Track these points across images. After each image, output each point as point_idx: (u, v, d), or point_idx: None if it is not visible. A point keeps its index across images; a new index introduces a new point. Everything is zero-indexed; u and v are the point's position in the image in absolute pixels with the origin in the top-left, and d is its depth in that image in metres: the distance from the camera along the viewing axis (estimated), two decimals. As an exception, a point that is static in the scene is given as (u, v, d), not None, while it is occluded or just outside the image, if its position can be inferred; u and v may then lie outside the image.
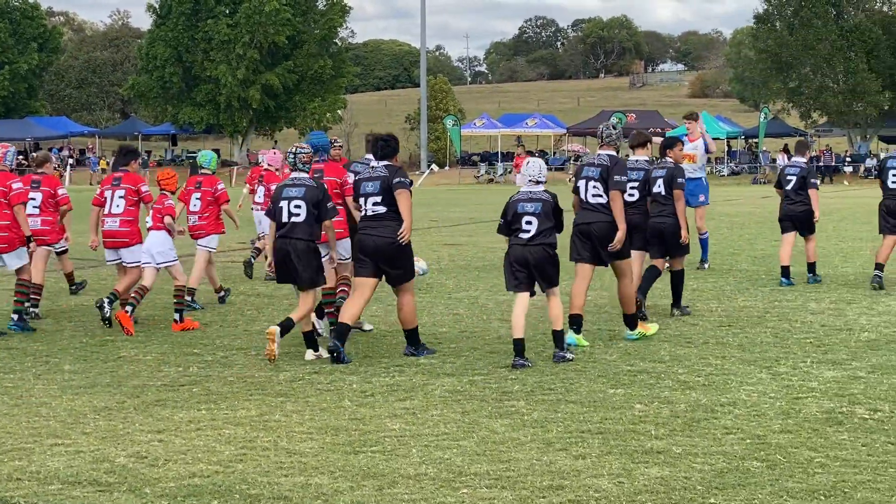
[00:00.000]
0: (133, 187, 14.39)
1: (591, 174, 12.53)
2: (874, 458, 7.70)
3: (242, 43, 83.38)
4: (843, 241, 25.00)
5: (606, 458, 7.77)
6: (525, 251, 11.42)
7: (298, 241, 11.73)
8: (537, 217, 11.39)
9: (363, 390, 10.14)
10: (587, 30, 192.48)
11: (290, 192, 11.86)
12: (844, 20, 77.99)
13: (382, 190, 11.61)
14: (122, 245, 14.30)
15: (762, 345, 12.16)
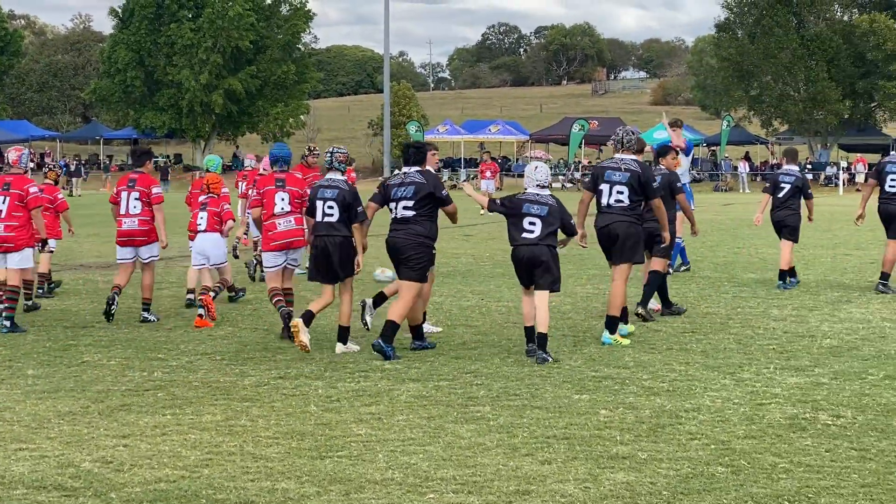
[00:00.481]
0: (146, 189, 14.89)
1: (617, 178, 12.90)
2: (837, 463, 7.76)
3: (205, 48, 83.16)
4: (804, 249, 25.14)
5: (572, 464, 7.80)
6: (531, 251, 11.89)
7: (335, 238, 12.39)
8: (542, 220, 11.85)
9: (329, 395, 10.12)
10: (550, 37, 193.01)
11: (324, 193, 12.52)
12: (805, 29, 78.58)
13: (415, 194, 12.14)
14: (141, 244, 14.91)
15: (725, 351, 12.23)
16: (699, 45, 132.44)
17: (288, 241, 13.73)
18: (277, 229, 13.70)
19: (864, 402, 9.62)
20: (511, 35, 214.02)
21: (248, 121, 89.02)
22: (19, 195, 14.23)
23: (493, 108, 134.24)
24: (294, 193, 13.71)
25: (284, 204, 13.69)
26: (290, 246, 13.79)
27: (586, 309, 15.55)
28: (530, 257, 11.92)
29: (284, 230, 13.68)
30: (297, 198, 13.69)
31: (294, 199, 13.70)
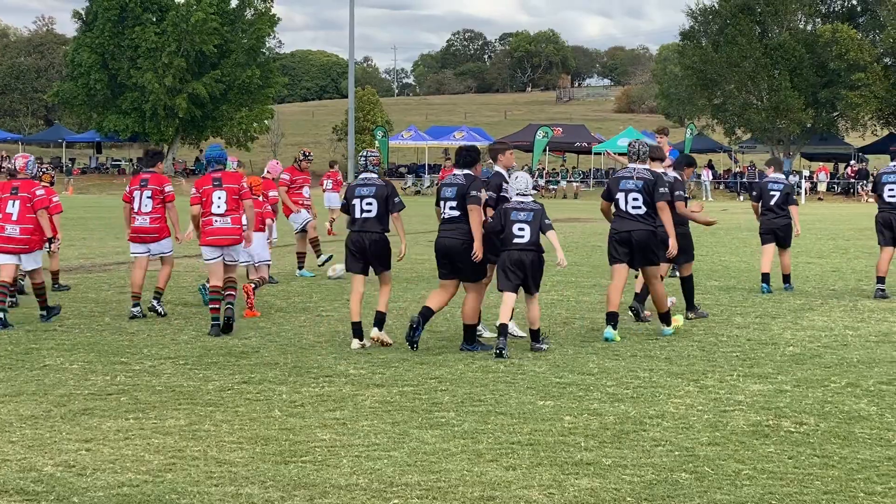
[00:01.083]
0: (158, 188, 15.56)
1: (631, 186, 13.64)
2: (800, 470, 7.79)
3: (169, 51, 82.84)
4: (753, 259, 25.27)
5: (537, 470, 7.80)
6: (522, 255, 12.54)
7: (372, 234, 13.12)
8: (529, 224, 12.53)
9: (293, 400, 10.09)
10: (515, 44, 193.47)
11: (361, 192, 13.25)
12: (769, 38, 79.12)
13: (458, 196, 12.75)
14: (152, 240, 15.61)
15: (689, 358, 12.27)
16: (663, 54, 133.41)
17: (219, 238, 14.38)
18: (213, 226, 14.40)
19: (827, 410, 9.67)
20: (476, 41, 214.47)
21: (212, 125, 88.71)
22: (28, 198, 14.96)
23: (457, 115, 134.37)
24: (231, 191, 14.43)
25: (221, 202, 14.38)
26: (222, 243, 14.41)
27: (550, 315, 15.56)
28: (519, 261, 12.53)
29: (219, 227, 14.38)
30: (234, 195, 14.44)
31: (231, 197, 14.41)
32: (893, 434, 8.79)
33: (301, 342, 13.36)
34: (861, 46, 72.95)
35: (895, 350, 12.72)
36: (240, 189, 14.53)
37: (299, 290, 18.54)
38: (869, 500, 7.14)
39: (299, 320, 15.15)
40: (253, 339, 13.53)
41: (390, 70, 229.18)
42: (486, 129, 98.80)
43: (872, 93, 72.63)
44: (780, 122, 77.94)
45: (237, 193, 14.47)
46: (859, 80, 72.34)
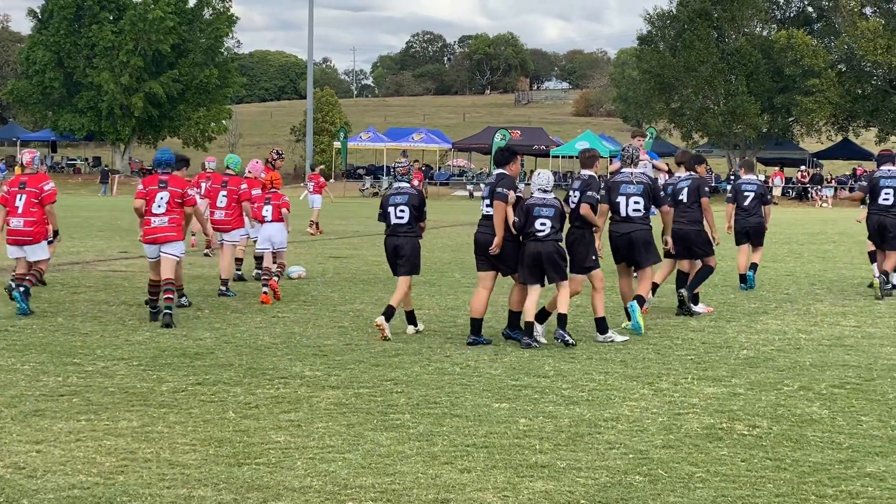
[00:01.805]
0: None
1: (632, 190, 14.52)
2: (753, 473, 7.83)
3: (126, 50, 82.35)
4: (723, 261, 25.41)
5: (491, 472, 7.80)
6: (540, 246, 13.20)
7: (403, 237, 14.19)
8: (550, 220, 13.23)
9: (247, 402, 10.04)
10: (474, 46, 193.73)
11: (395, 200, 14.32)
12: (725, 43, 79.63)
13: (490, 194, 13.49)
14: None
15: (644, 361, 12.31)
16: (621, 58, 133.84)
17: (155, 237, 15.25)
18: (151, 225, 15.30)
19: (780, 413, 9.73)
20: (435, 44, 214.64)
21: (169, 125, 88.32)
22: (35, 193, 15.78)
23: (416, 116, 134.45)
24: (174, 194, 15.27)
25: (162, 203, 15.20)
26: (158, 241, 15.24)
27: (506, 318, 15.55)
28: (536, 253, 13.23)
29: (157, 227, 15.24)
30: (176, 198, 15.29)
31: (173, 199, 15.26)
32: (845, 437, 8.86)
33: (257, 343, 13.30)
34: (816, 52, 73.53)
35: (847, 354, 12.81)
36: (183, 194, 15.36)
37: (256, 291, 18.45)
38: (820, 503, 7.19)
39: (255, 321, 15.09)
40: (208, 340, 13.46)
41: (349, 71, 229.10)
42: (444, 130, 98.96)
43: (827, 98, 73.24)
44: (737, 127, 78.47)
45: (180, 197, 15.29)
46: (814, 86, 72.93)
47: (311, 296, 17.98)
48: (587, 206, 13.73)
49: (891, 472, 7.85)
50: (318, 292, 18.42)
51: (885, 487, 7.50)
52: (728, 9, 78.43)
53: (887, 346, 13.33)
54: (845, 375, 11.48)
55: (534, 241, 13.25)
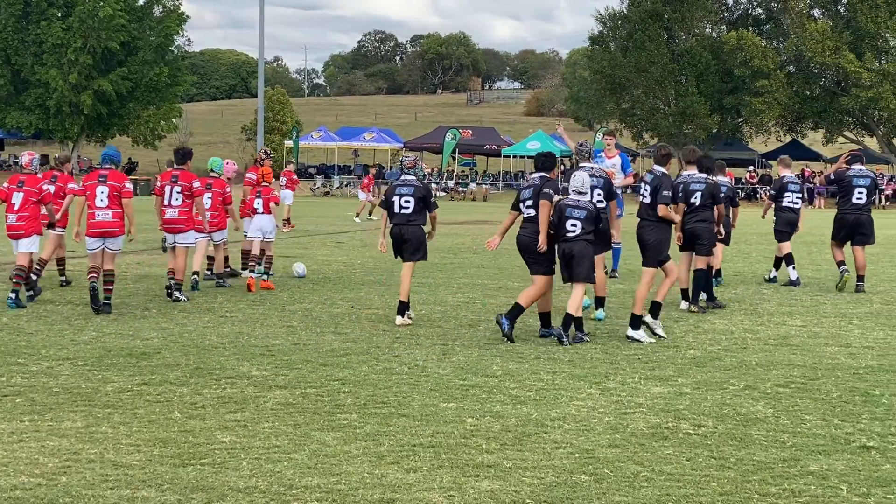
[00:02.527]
0: (188, 184, 17.52)
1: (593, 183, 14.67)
2: (697, 472, 7.88)
3: (75, 47, 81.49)
4: (672, 260, 25.56)
5: (437, 472, 7.80)
6: (572, 246, 13.63)
7: (408, 227, 15.12)
8: (581, 221, 13.63)
9: (193, 402, 9.99)
10: (426, 46, 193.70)
11: (401, 191, 15.20)
12: (676, 44, 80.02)
13: (534, 196, 13.99)
14: (179, 231, 17.59)
15: (592, 360, 12.35)
16: (573, 58, 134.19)
17: (102, 231, 15.96)
18: (95, 219, 16.03)
19: (725, 412, 9.79)
20: (387, 43, 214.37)
21: (118, 123, 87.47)
22: (32, 192, 16.71)
23: (367, 116, 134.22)
24: (113, 188, 16.07)
25: (104, 196, 16.04)
26: (104, 234, 15.97)
27: (456, 318, 15.59)
28: (569, 252, 13.65)
29: (101, 220, 15.99)
30: (115, 192, 16.08)
31: (112, 194, 16.06)
32: (788, 436, 8.93)
33: (204, 343, 13.23)
34: (765, 54, 74.03)
35: (793, 353, 12.92)
36: (121, 187, 16.18)
37: (204, 290, 18.36)
38: (763, 502, 7.24)
39: (203, 321, 15.01)
40: (155, 340, 13.38)
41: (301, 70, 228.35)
42: (396, 130, 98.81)
43: (776, 99, 73.74)
44: (687, 128, 78.85)
45: (118, 191, 16.10)
46: (763, 87, 73.41)
47: (260, 295, 17.91)
48: (664, 207, 14.06)
49: (833, 471, 7.92)
50: (267, 292, 18.34)
51: (827, 486, 7.57)
52: (678, 10, 78.82)
53: (832, 346, 13.44)
54: (790, 375, 11.57)
55: (564, 241, 13.72)
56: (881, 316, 16.17)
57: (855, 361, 12.38)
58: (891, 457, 8.34)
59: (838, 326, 15.10)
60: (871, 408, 10.04)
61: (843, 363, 12.27)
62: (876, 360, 12.51)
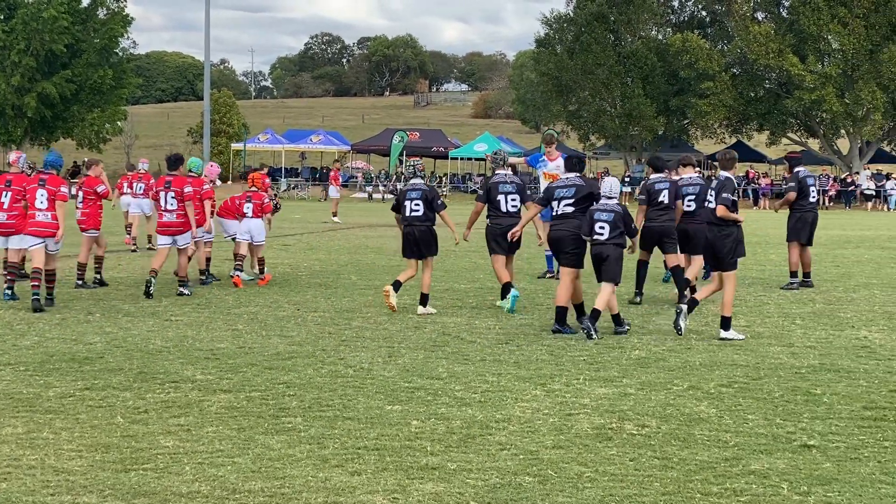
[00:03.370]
0: (179, 189, 18.50)
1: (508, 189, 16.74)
2: (640, 472, 7.91)
3: (18, 50, 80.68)
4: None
5: (382, 475, 7.79)
6: (601, 248, 14.45)
7: (420, 227, 16.50)
8: (609, 224, 14.43)
9: (136, 406, 9.92)
10: (373, 48, 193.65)
11: (410, 195, 16.61)
12: (622, 46, 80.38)
13: (576, 195, 14.96)
14: (178, 233, 18.59)
15: (538, 362, 12.38)
16: (520, 60, 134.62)
17: (41, 230, 16.80)
18: (35, 219, 16.89)
19: (669, 412, 9.84)
20: (334, 45, 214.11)
21: (62, 126, 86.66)
22: (19, 190, 17.30)
23: (315, 118, 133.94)
24: (50, 192, 16.90)
25: (43, 199, 16.89)
26: (43, 234, 16.81)
27: (402, 320, 15.58)
28: (598, 254, 14.47)
29: (40, 221, 16.85)
30: (52, 195, 16.89)
31: (50, 197, 16.90)
32: (731, 435, 8.99)
33: (148, 347, 13.14)
34: (710, 56, 74.52)
35: (736, 353, 13.00)
36: (56, 191, 16.94)
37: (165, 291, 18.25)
38: (705, 501, 7.28)
39: (147, 325, 14.91)
40: (98, 344, 13.28)
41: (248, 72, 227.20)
42: (343, 132, 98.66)
43: (721, 101, 74.26)
44: (633, 129, 79.28)
45: (54, 195, 16.89)
46: (708, 89, 73.93)
47: (205, 298, 17.82)
48: (723, 207, 14.30)
49: (774, 470, 7.98)
50: (212, 295, 18.26)
51: (768, 485, 7.63)
52: (624, 12, 79.20)
53: (775, 346, 13.55)
54: (733, 374, 11.65)
55: (595, 243, 14.53)
56: (823, 316, 16.31)
57: (797, 361, 12.49)
58: (831, 455, 8.42)
59: (781, 326, 15.22)
60: (813, 407, 10.14)
61: (785, 363, 12.37)
62: (818, 359, 12.62)
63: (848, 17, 70.18)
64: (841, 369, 11.98)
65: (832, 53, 73.13)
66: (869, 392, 10.80)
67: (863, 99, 69.43)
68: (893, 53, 67.87)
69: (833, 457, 8.39)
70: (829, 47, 73.15)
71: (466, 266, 23.33)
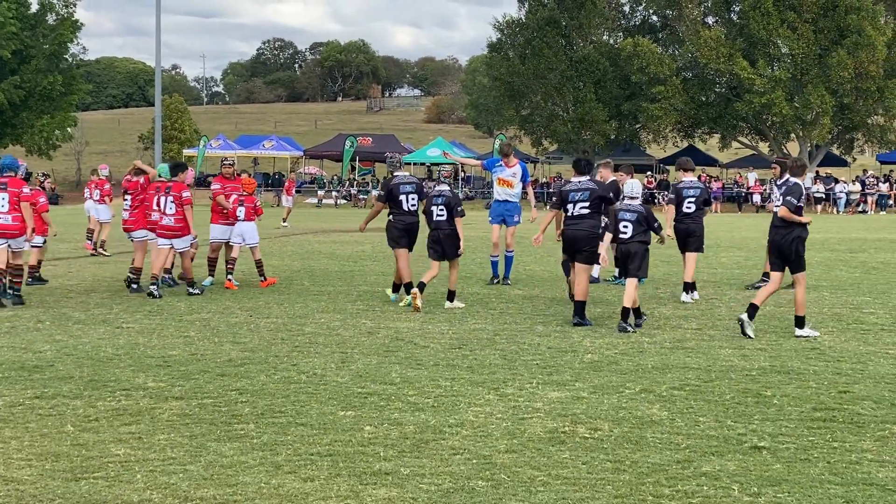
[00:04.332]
0: (178, 194, 19.40)
1: (408, 189, 18.29)
2: (593, 475, 7.94)
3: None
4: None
5: (335, 481, 7.77)
6: (626, 247, 15.58)
7: (444, 230, 17.83)
8: (632, 223, 15.55)
9: (87, 415, 9.85)
10: (325, 53, 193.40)
11: (436, 200, 17.92)
12: (574, 51, 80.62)
13: (590, 197, 16.13)
14: (177, 236, 19.51)
15: (491, 366, 12.39)
16: (472, 65, 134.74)
17: (3, 232, 17.72)
18: None
19: (621, 416, 9.88)
20: (286, 50, 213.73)
21: (11, 132, 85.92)
22: (15, 193, 17.94)
23: (267, 124, 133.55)
24: (13, 193, 17.77)
25: (4, 202, 17.77)
26: (5, 236, 17.74)
27: (355, 325, 15.56)
28: (625, 252, 15.56)
29: (2, 223, 17.71)
30: (14, 196, 17.78)
31: (12, 199, 17.78)
32: (683, 438, 9.04)
33: (99, 355, 13.04)
34: (661, 60, 74.93)
35: (688, 356, 13.08)
36: (19, 193, 17.84)
37: (99, 301, 18.15)
38: (657, 503, 7.32)
39: (98, 332, 14.81)
40: (48, 352, 13.17)
41: (199, 78, 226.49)
42: (296, 138, 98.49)
43: (672, 105, 74.69)
44: (586, 134, 79.55)
45: (17, 196, 17.79)
46: (660, 93, 74.32)
47: (156, 305, 17.72)
48: (785, 209, 14.89)
49: (725, 472, 8.04)
50: (164, 301, 18.17)
51: (719, 486, 7.68)
52: (576, 17, 79.47)
53: (726, 348, 13.64)
54: (685, 377, 11.72)
55: (621, 242, 15.62)
56: (773, 318, 16.43)
57: (748, 363, 12.58)
58: (781, 456, 8.49)
59: (732, 329, 15.30)
60: (763, 409, 10.21)
61: (736, 365, 12.46)
62: (768, 361, 12.71)
63: (797, 21, 70.84)
64: (791, 371, 12.08)
65: (782, 58, 73.73)
66: (818, 393, 10.90)
67: (812, 103, 70.04)
68: (842, 58, 68.50)
69: (783, 458, 8.45)
70: (778, 52, 73.75)
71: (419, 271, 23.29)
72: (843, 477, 7.94)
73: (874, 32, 68.98)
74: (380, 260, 26.36)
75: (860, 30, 69.05)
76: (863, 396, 10.76)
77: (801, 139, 75.60)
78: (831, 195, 68.47)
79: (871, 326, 15.61)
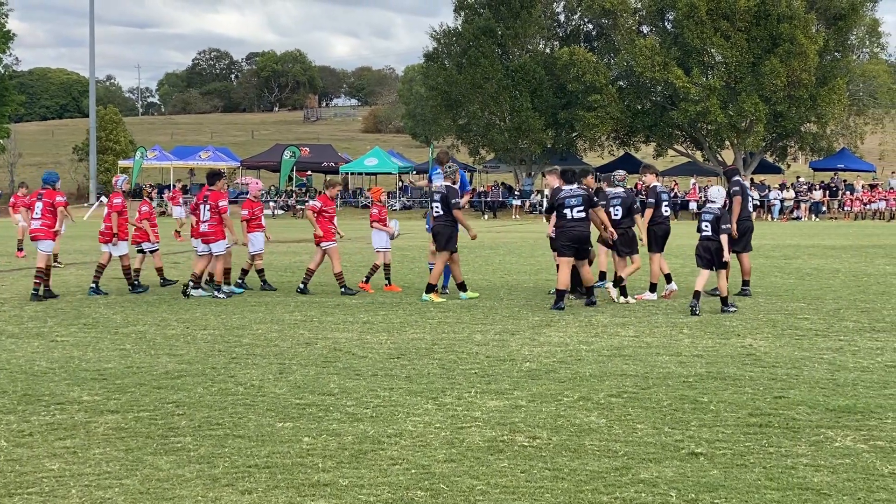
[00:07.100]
0: (214, 203, 20.95)
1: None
2: (532, 483, 7.94)
3: None
4: (508, 275, 25.84)
5: (273, 493, 7.72)
6: (708, 243, 18.28)
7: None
8: (711, 223, 18.29)
9: (21, 430, 9.72)
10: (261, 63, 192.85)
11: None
12: (510, 60, 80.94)
13: (585, 202, 19.16)
14: (211, 241, 21.03)
15: (429, 376, 12.38)
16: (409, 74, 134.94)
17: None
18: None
19: (559, 424, 9.90)
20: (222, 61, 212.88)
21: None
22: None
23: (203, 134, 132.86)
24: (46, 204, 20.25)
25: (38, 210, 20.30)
26: None
27: (293, 336, 15.50)
28: (706, 247, 18.26)
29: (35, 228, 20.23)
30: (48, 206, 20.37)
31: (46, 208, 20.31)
32: (621, 445, 9.07)
33: (33, 369, 12.89)
34: (597, 69, 75.46)
35: (626, 363, 13.14)
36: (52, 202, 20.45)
37: (33, 314, 17.95)
38: (596, 511, 7.35)
39: (32, 346, 14.64)
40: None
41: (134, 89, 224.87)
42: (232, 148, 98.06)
43: (608, 114, 75.24)
44: (523, 143, 79.90)
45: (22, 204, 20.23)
46: (596, 102, 74.84)
47: (92, 318, 17.55)
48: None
49: (663, 478, 8.07)
50: (99, 314, 18.00)
51: (657, 493, 7.71)
52: (511, 26, 79.80)
53: (663, 355, 13.72)
54: (623, 384, 11.77)
55: (702, 238, 18.34)
56: (710, 325, 16.56)
57: (685, 370, 12.66)
58: (718, 462, 8.54)
59: (669, 336, 15.42)
60: (700, 415, 10.28)
61: (673, 372, 12.54)
62: (705, 367, 12.80)
63: (730, 30, 71.63)
64: (727, 377, 12.17)
65: (716, 66, 74.55)
66: (754, 399, 10.98)
67: (746, 111, 70.86)
68: (775, 66, 69.35)
69: (720, 464, 8.51)
70: (712, 60, 74.57)
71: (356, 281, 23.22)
72: (779, 482, 8.00)
73: (806, 41, 69.95)
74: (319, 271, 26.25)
75: (792, 38, 70.01)
76: (798, 401, 10.85)
77: (735, 147, 76.42)
78: (765, 202, 69.17)
79: (805, 332, 15.77)
